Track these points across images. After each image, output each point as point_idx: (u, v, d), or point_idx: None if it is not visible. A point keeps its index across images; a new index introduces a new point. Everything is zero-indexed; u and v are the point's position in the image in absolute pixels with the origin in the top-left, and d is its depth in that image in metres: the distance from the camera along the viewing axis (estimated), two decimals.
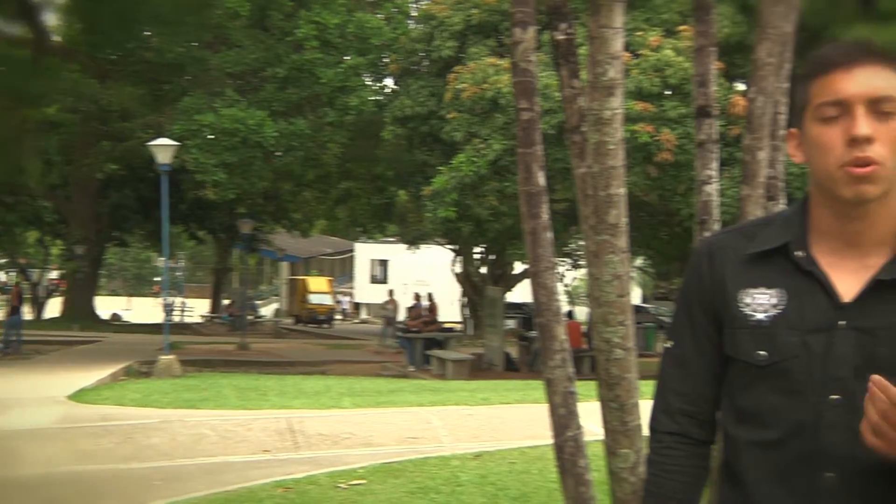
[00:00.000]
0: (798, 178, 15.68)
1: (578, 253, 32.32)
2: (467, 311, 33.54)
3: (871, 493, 1.73)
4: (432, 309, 26.81)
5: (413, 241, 32.10)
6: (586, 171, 2.94)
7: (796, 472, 1.76)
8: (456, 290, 34.92)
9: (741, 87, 17.21)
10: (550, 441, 3.56)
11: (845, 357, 1.73)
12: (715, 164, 3.61)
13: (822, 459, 1.74)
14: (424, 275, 46.13)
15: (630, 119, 16.11)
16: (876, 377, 1.62)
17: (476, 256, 32.92)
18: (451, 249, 32.75)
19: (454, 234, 22.06)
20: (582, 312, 30.82)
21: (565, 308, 28.67)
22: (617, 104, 2.82)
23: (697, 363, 1.90)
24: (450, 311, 36.49)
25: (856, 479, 1.72)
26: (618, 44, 2.80)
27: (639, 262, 40.31)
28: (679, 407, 1.92)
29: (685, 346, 1.92)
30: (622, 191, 2.95)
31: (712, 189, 3.59)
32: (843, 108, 1.70)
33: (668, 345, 1.96)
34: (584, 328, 21.30)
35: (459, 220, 18.33)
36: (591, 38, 2.88)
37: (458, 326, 33.34)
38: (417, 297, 29.06)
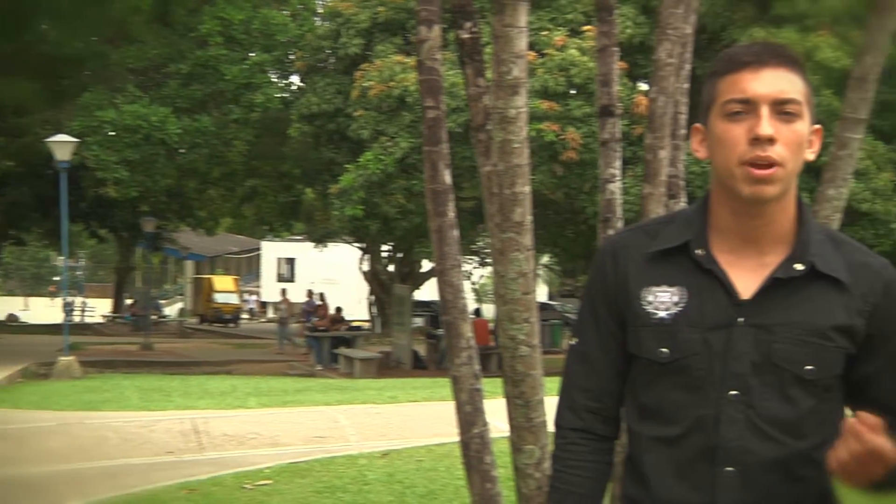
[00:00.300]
0: (699, 177, 16.04)
1: (485, 251, 32.50)
2: (375, 310, 33.44)
3: (768, 487, 1.77)
4: (323, 308, 26.90)
5: (320, 239, 31.88)
6: (492, 170, 2.96)
7: (697, 467, 1.79)
8: (364, 288, 34.79)
9: (644, 86, 17.50)
10: (458, 438, 3.57)
11: (743, 353, 1.77)
12: (618, 163, 3.66)
13: (721, 454, 1.77)
14: (332, 273, 45.91)
15: (536, 118, 16.26)
16: (863, 416, 1.64)
17: (384, 254, 32.85)
18: (358, 247, 32.61)
19: (362, 233, 22.00)
20: (489, 310, 30.99)
21: (472, 306, 28.87)
22: (521, 103, 2.84)
23: (602, 360, 1.92)
24: (358, 309, 36.38)
25: (753, 474, 1.76)
26: (522, 43, 2.81)
27: (545, 259, 40.74)
28: (584, 403, 1.94)
29: (590, 344, 1.94)
30: (527, 189, 2.97)
31: (616, 187, 3.64)
32: (749, 106, 1.73)
33: (574, 342, 1.98)
34: (491, 326, 21.43)
35: (367, 218, 18.28)
36: (496, 37, 2.90)
37: (366, 325, 33.26)
38: (310, 294, 29.06)
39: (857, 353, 1.81)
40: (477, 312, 25.90)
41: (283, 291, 32.46)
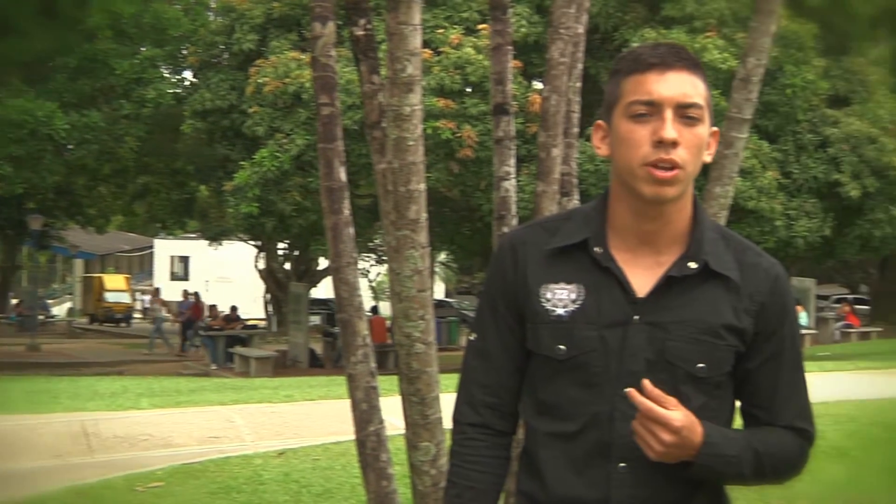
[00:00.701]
0: (592, 175, 16.31)
1: (382, 248, 32.43)
2: (271, 308, 33.11)
3: (660, 482, 1.80)
4: (197, 307, 26.71)
5: (215, 237, 31.39)
6: (387, 167, 2.95)
7: (591, 463, 1.82)
8: (259, 286, 34.40)
9: (539, 85, 17.69)
10: (354, 437, 3.56)
11: (639, 351, 1.80)
12: (512, 161, 3.70)
13: (615, 450, 1.80)
14: (227, 271, 45.27)
15: (432, 116, 16.29)
16: (648, 388, 1.71)
17: (280, 252, 32.55)
18: (254, 245, 32.25)
19: (257, 230, 21.73)
20: (387, 308, 30.94)
21: (370, 303, 28.73)
22: (416, 100, 2.84)
23: (500, 356, 1.93)
24: (253, 308, 35.95)
25: (645, 469, 1.79)
26: (416, 40, 2.82)
27: (442, 257, 40.86)
28: (482, 399, 1.94)
29: (488, 340, 1.94)
30: (422, 186, 2.97)
31: (510, 185, 3.67)
32: (654, 108, 1.76)
33: (472, 338, 1.98)
34: (388, 323, 21.42)
35: (262, 215, 18.08)
36: (390, 34, 2.89)
37: (262, 323, 32.90)
38: (186, 294, 28.78)
39: (745, 350, 1.85)
40: (374, 310, 25.85)
41: (157, 291, 32.05)
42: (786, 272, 1.92)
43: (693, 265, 1.81)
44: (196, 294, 28.66)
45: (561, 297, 1.84)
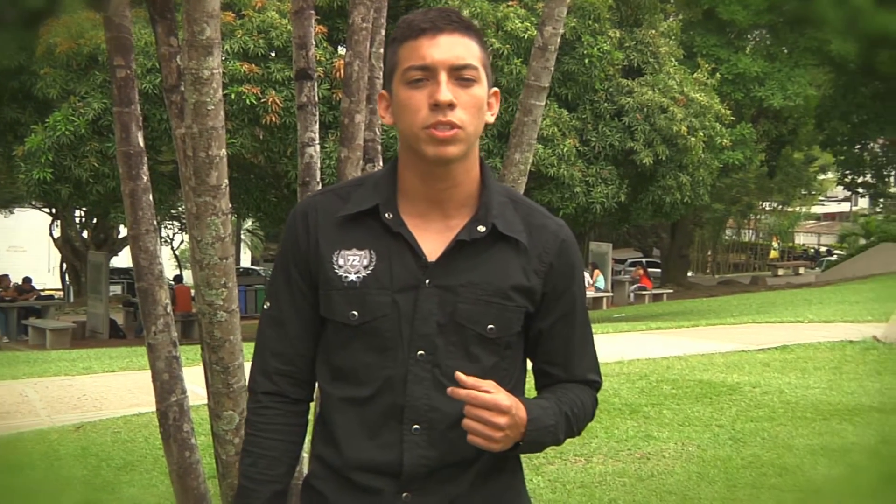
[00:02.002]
0: (397, 142, 16.41)
1: (185, 216, 31.66)
2: (68, 278, 31.81)
3: (452, 443, 1.84)
4: None
5: (5, 204, 29.87)
6: (186, 132, 2.88)
7: (385, 426, 1.85)
8: (55, 255, 32.98)
9: (343, 51, 17.58)
10: (156, 408, 3.48)
11: (430, 314, 1.84)
12: (316, 127, 3.68)
13: (408, 413, 1.84)
14: (19, 240, 43.14)
15: (236, 80, 15.95)
16: (463, 380, 1.74)
17: (77, 220, 31.26)
18: (48, 213, 30.85)
19: (52, 197, 20.71)
20: (191, 276, 30.31)
21: (174, 272, 27.93)
22: (215, 64, 2.78)
23: (294, 324, 1.93)
24: (49, 278, 34.46)
25: (438, 431, 1.84)
26: (214, 2, 2.75)
27: (248, 224, 40.23)
28: (276, 367, 1.94)
29: (283, 307, 1.94)
30: (223, 152, 2.92)
31: (314, 151, 3.66)
32: (429, 73, 1.79)
33: (267, 306, 1.98)
34: (193, 292, 20.97)
35: (57, 181, 17.27)
36: None
37: (59, 294, 31.59)
38: None
39: (534, 311, 1.92)
40: (179, 279, 25.24)
41: None
42: (572, 233, 1.98)
43: (482, 228, 1.85)
44: None
45: (353, 263, 1.86)
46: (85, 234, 31.52)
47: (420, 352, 1.83)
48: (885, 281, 26.25)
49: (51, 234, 32.07)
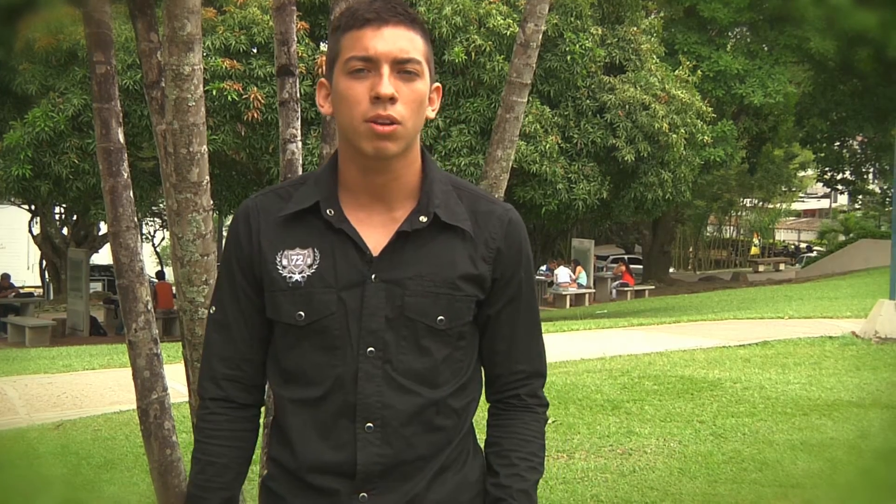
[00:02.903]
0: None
1: (166, 213, 31.51)
2: (48, 275, 31.62)
3: (408, 439, 1.83)
4: None
5: None
6: (167, 128, 2.87)
7: (338, 426, 1.82)
8: (35, 253, 32.79)
9: (325, 47, 17.55)
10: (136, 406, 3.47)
11: (378, 310, 1.81)
12: (297, 123, 3.67)
13: (360, 411, 1.81)
14: None
15: (217, 77, 15.91)
16: None
17: (56, 217, 31.08)
18: (27, 210, 30.66)
19: (31, 194, 20.62)
20: (172, 273, 30.15)
21: (155, 269, 27.76)
22: (196, 60, 2.77)
23: (240, 328, 1.90)
24: (29, 275, 34.26)
25: (393, 427, 1.82)
26: None
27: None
28: (223, 372, 1.92)
29: (228, 311, 1.91)
30: (204, 148, 2.91)
31: (296, 147, 3.65)
32: (371, 64, 1.75)
33: (212, 310, 1.95)
34: (174, 289, 20.87)
35: (36, 178, 17.18)
36: None
37: (38, 291, 31.40)
38: None
39: (484, 298, 1.89)
40: (160, 275, 25.15)
41: None
42: (520, 217, 1.95)
43: (423, 219, 1.83)
44: None
45: (297, 263, 1.83)
46: (65, 230, 31.32)
47: (370, 348, 1.81)
48: (864, 277, 26.41)
49: (30, 231, 31.86)
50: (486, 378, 1.99)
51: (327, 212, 1.83)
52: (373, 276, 1.81)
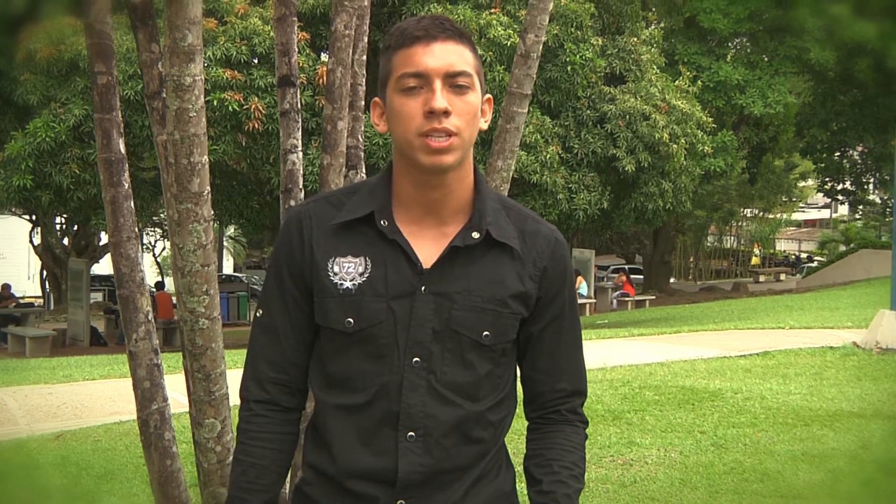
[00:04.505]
0: (381, 149, 16.39)
1: (167, 223, 31.50)
2: (49, 285, 31.62)
3: (447, 449, 1.85)
4: None
5: None
6: (168, 139, 2.87)
7: (380, 433, 1.85)
8: (36, 263, 32.80)
9: (326, 58, 17.56)
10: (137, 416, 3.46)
11: (425, 321, 1.84)
12: (299, 134, 3.68)
13: (403, 419, 1.84)
14: None
15: (218, 87, 15.91)
16: None
17: (57, 227, 31.09)
18: (28, 220, 30.68)
19: (32, 204, 20.66)
20: (172, 283, 30.14)
21: (155, 279, 27.75)
22: (197, 70, 2.78)
23: (288, 332, 1.93)
24: (30, 286, 34.26)
25: (433, 437, 1.84)
26: (196, 9, 2.75)
27: (231, 231, 40.10)
28: (269, 375, 1.94)
29: (276, 315, 1.93)
30: (205, 159, 2.91)
31: (297, 158, 3.65)
32: (423, 80, 1.79)
33: (259, 313, 1.97)
34: (174, 299, 20.86)
35: (37, 188, 17.19)
36: (169, 2, 2.81)
37: (39, 301, 31.40)
38: None
39: (528, 316, 1.92)
40: (160, 286, 25.15)
41: None
42: (564, 237, 1.99)
43: (476, 235, 1.86)
44: None
45: (349, 271, 1.86)
46: (65, 241, 31.33)
47: (415, 358, 1.84)
48: (865, 287, 26.40)
49: (31, 242, 31.87)
50: (527, 395, 2.01)
51: (381, 222, 1.86)
52: (423, 288, 1.84)
